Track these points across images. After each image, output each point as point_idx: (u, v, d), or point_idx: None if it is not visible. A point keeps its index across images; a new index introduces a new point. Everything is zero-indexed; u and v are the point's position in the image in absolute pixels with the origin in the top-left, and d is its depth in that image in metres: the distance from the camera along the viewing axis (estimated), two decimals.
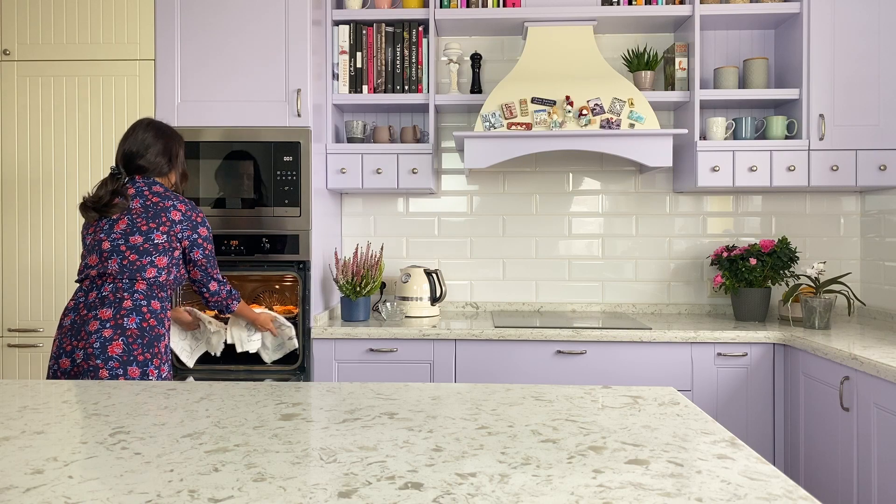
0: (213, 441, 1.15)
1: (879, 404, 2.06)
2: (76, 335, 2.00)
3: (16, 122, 2.79)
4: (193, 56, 2.78)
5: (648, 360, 2.70)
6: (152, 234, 2.07)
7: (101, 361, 1.95)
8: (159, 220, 2.09)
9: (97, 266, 2.06)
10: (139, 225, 2.06)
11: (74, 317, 2.02)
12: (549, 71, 2.97)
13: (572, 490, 0.93)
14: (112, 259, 2.04)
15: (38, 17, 2.79)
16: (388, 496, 0.91)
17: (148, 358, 2.00)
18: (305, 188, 2.76)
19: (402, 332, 2.73)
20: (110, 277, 2.04)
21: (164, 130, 2.20)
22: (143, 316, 2.03)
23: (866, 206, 3.21)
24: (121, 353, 1.97)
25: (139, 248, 2.05)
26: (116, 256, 2.04)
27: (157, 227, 2.08)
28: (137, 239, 2.05)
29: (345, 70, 3.09)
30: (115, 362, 1.95)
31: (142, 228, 2.06)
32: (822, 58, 2.90)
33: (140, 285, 2.04)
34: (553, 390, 1.53)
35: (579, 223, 3.36)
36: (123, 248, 2.05)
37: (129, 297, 2.02)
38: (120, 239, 2.05)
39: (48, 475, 0.99)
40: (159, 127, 2.20)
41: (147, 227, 2.07)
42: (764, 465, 1.04)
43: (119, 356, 1.96)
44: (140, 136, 2.16)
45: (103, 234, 2.07)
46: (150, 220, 2.08)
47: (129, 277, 2.04)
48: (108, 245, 2.05)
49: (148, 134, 2.16)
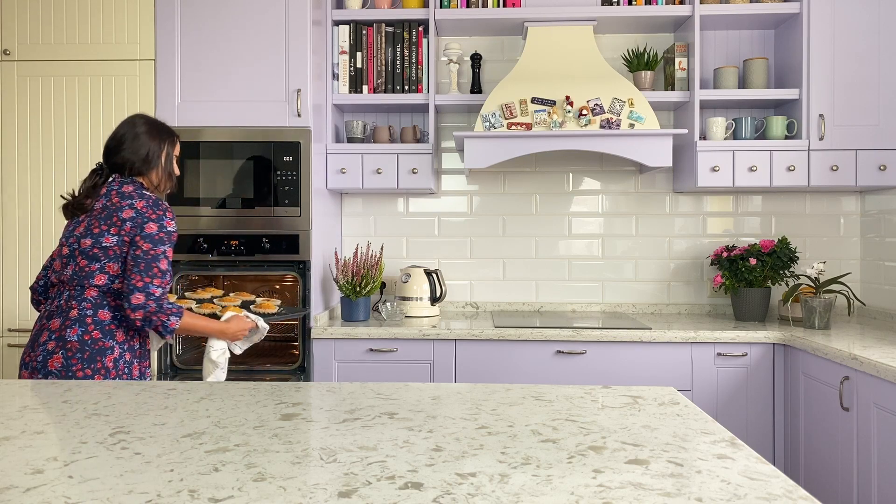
0: (213, 441, 1.15)
1: (879, 404, 2.06)
2: (31, 346, 1.88)
3: (16, 122, 2.79)
4: (193, 56, 2.78)
5: (648, 360, 2.70)
6: (102, 238, 1.88)
7: (42, 376, 1.81)
8: (111, 220, 1.89)
9: (59, 272, 1.93)
10: (92, 228, 1.89)
11: (37, 327, 1.90)
12: (549, 71, 2.97)
13: (572, 490, 0.93)
14: (69, 265, 1.90)
15: (38, 17, 2.79)
16: (388, 496, 0.91)
17: (88, 374, 1.82)
18: (305, 188, 2.76)
19: (402, 332, 2.73)
20: (66, 285, 1.90)
21: (151, 127, 2.01)
22: (85, 328, 1.85)
23: (866, 206, 3.21)
24: (59, 369, 1.81)
25: (88, 254, 1.88)
26: (72, 262, 1.90)
27: (108, 228, 1.88)
28: (87, 243, 1.88)
29: (345, 70, 3.09)
30: (54, 377, 1.80)
31: (94, 231, 1.89)
32: (822, 58, 2.90)
33: (90, 293, 1.86)
34: (553, 390, 1.53)
35: (579, 223, 3.36)
36: (77, 252, 1.90)
37: (77, 306, 1.86)
38: (75, 243, 1.90)
39: (48, 475, 0.99)
40: (146, 123, 2.01)
41: (98, 230, 1.88)
42: (764, 465, 1.04)
43: (58, 371, 1.81)
44: (121, 132, 1.99)
45: (64, 237, 1.94)
46: (103, 223, 1.89)
47: (79, 285, 1.87)
48: (66, 250, 1.92)
49: (130, 129, 1.99)
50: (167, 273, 1.90)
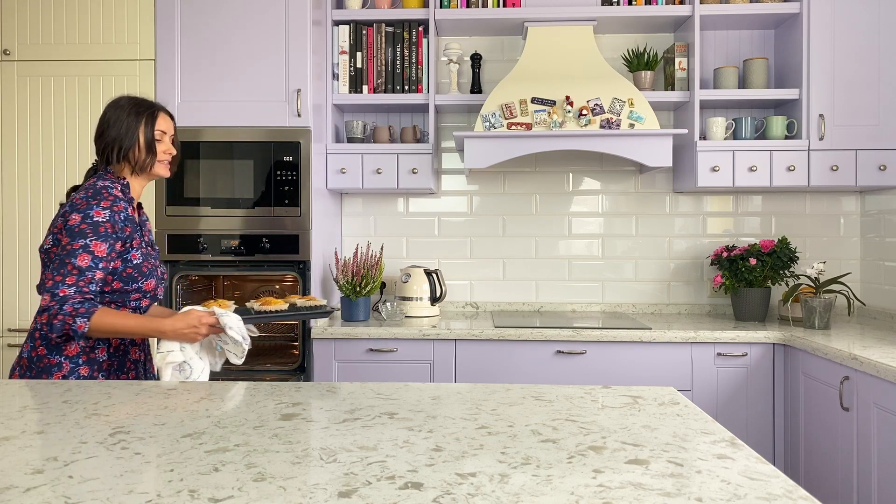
0: (213, 441, 1.15)
1: (879, 404, 2.06)
2: None
3: (16, 122, 2.79)
4: (193, 56, 2.78)
5: (648, 360, 2.70)
6: (44, 242, 1.75)
7: None
8: (54, 222, 1.74)
9: None
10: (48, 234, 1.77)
11: None
12: (549, 71, 2.97)
13: (572, 490, 0.93)
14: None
15: (38, 17, 2.79)
16: (388, 496, 0.91)
17: None
18: (305, 188, 2.76)
19: (402, 332, 2.73)
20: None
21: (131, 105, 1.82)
22: (33, 343, 1.72)
23: (866, 206, 3.21)
24: None
25: (42, 261, 1.75)
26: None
27: (49, 231, 1.75)
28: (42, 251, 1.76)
29: (345, 70, 3.09)
30: None
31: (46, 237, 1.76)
32: (822, 58, 2.90)
33: (44, 302, 1.65)
34: (553, 390, 1.52)
35: (579, 223, 3.36)
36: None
37: (35, 319, 1.73)
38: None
39: (48, 475, 0.99)
40: (129, 101, 1.83)
41: (47, 235, 1.76)
42: (764, 465, 1.04)
43: None
44: (105, 113, 1.83)
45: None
46: (52, 226, 1.75)
47: (41, 295, 1.67)
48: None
49: (112, 110, 1.82)
50: (88, 270, 1.65)
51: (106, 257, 1.69)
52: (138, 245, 1.79)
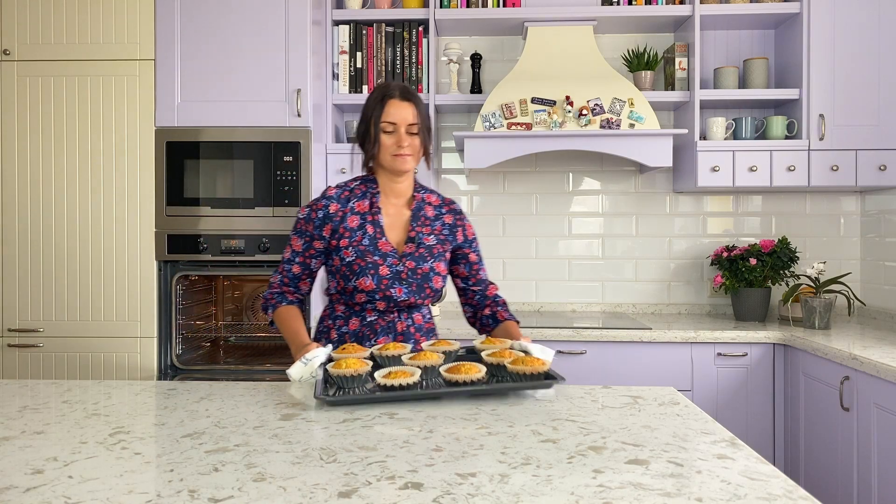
0: (213, 441, 1.15)
1: (879, 404, 2.06)
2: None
3: (16, 122, 2.79)
4: (193, 56, 2.78)
5: (648, 360, 2.70)
6: None
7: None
8: None
9: None
10: None
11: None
12: (548, 71, 2.97)
13: (572, 490, 0.93)
14: None
15: (38, 17, 2.79)
16: (388, 496, 0.91)
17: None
18: (305, 188, 2.76)
19: None
20: None
21: (369, 96, 1.86)
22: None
23: (866, 206, 3.21)
24: None
25: None
26: None
27: None
28: None
29: (345, 70, 3.09)
30: None
31: None
32: (822, 58, 2.90)
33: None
34: (553, 390, 1.52)
35: (579, 223, 3.36)
36: None
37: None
38: None
39: (48, 475, 0.99)
40: (376, 87, 1.87)
41: None
42: (764, 465, 1.04)
43: None
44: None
45: None
46: None
47: None
48: None
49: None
50: (287, 263, 1.83)
51: (301, 252, 1.82)
52: (347, 244, 1.76)
